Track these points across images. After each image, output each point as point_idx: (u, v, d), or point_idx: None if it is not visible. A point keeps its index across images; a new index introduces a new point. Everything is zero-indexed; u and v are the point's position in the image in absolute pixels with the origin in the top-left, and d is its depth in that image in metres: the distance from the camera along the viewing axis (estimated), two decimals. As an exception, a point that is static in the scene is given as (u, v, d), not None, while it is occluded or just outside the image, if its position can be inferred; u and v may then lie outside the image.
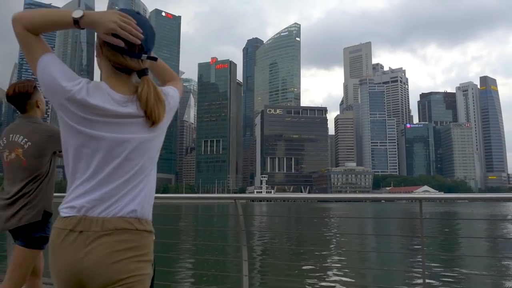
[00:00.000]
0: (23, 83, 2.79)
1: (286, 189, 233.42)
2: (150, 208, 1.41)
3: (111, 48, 1.39)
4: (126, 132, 1.37)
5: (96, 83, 1.43)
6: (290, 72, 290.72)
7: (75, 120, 1.37)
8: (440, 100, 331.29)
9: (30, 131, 2.66)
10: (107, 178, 1.34)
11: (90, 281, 1.27)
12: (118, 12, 1.32)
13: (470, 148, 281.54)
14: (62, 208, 1.38)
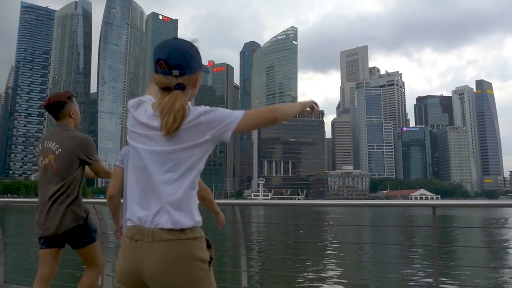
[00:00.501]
0: (58, 93, 3.04)
1: (283, 193, 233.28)
2: (191, 216, 1.51)
3: (152, 69, 1.61)
4: (152, 145, 1.53)
5: (147, 98, 1.67)
6: (287, 76, 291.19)
7: (128, 134, 1.65)
8: (436, 103, 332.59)
9: (61, 139, 2.88)
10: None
11: (153, 283, 1.47)
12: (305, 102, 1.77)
13: (466, 152, 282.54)
14: (126, 217, 1.60)
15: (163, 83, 1.57)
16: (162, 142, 1.52)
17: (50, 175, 2.84)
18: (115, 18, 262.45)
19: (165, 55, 1.54)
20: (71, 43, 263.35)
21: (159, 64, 1.55)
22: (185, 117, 1.52)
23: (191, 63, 1.59)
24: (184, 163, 1.52)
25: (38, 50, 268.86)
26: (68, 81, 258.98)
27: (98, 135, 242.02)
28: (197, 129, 1.54)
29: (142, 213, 1.52)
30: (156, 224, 1.48)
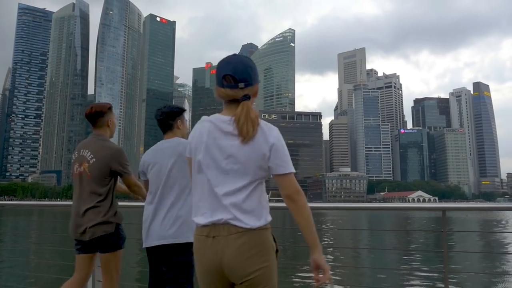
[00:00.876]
0: (99, 104, 3.23)
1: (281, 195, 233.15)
2: (262, 217, 1.78)
3: (216, 84, 1.83)
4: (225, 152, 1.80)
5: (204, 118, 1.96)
6: (284, 78, 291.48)
7: (197, 144, 1.90)
8: (434, 105, 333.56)
9: (96, 148, 3.01)
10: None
11: (231, 274, 1.69)
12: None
13: (464, 153, 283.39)
14: (196, 218, 1.79)
15: (231, 95, 1.77)
16: (236, 149, 1.74)
17: (85, 183, 2.99)
18: (113, 20, 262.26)
19: (231, 71, 1.76)
20: (69, 44, 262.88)
21: (226, 79, 1.76)
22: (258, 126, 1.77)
23: (253, 76, 1.81)
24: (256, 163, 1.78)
25: (36, 52, 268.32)
26: (65, 82, 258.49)
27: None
28: (262, 139, 1.78)
29: (214, 212, 1.73)
30: (229, 222, 1.72)
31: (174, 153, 2.81)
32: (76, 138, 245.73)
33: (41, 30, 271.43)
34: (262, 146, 1.75)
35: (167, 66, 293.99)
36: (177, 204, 2.74)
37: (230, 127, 1.75)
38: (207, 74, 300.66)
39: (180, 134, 2.98)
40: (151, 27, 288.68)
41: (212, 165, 1.77)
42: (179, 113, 3.00)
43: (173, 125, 2.95)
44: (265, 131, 1.78)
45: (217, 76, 1.80)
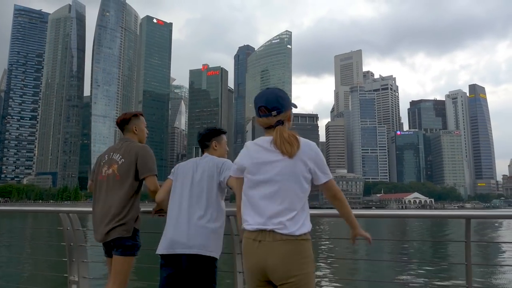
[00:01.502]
0: (126, 112, 3.45)
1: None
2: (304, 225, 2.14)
3: (255, 115, 2.31)
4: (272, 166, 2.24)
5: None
6: (281, 79, 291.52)
7: (247, 160, 2.31)
8: (430, 107, 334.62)
9: (125, 150, 3.16)
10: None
11: (274, 275, 2.03)
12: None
13: (460, 155, 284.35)
14: (245, 224, 2.18)
15: (266, 123, 2.22)
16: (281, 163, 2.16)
17: (112, 184, 3.08)
18: (109, 21, 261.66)
19: (264, 102, 2.21)
20: (65, 46, 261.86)
21: (261, 110, 2.22)
22: (297, 143, 2.18)
23: (283, 104, 2.23)
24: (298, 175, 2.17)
25: (31, 53, 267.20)
26: (61, 84, 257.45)
27: (91, 139, 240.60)
28: (303, 154, 2.18)
29: (262, 220, 2.10)
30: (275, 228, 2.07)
31: (206, 167, 2.91)
32: (72, 139, 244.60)
33: (37, 32, 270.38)
34: (305, 160, 2.14)
35: (164, 67, 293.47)
36: (205, 216, 2.76)
37: (273, 147, 2.16)
38: (203, 75, 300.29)
39: (217, 155, 3.07)
40: (148, 28, 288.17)
41: (263, 180, 2.14)
42: (214, 134, 3.12)
43: (209, 146, 3.08)
44: (305, 146, 2.18)
45: (255, 108, 2.27)
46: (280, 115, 2.21)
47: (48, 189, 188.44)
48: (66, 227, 3.81)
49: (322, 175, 2.18)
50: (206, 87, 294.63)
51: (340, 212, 2.34)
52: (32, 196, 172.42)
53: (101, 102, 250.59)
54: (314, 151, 2.19)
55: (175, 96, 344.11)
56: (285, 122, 2.24)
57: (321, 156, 2.20)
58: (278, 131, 2.16)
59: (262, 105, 2.20)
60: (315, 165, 2.16)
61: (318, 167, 2.17)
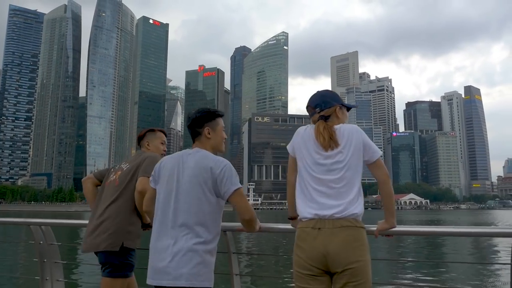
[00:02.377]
0: (143, 130, 3.29)
1: (273, 197, 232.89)
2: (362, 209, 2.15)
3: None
4: (321, 158, 2.25)
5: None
6: (277, 80, 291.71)
7: (300, 150, 2.35)
8: (426, 109, 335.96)
9: (134, 158, 3.01)
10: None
11: (334, 262, 2.02)
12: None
13: (455, 156, 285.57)
14: (301, 213, 2.18)
15: (314, 120, 2.33)
16: (326, 155, 2.19)
17: (111, 190, 2.85)
18: (105, 22, 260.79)
19: (309, 102, 2.38)
20: (60, 46, 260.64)
21: (308, 109, 2.38)
22: (334, 135, 2.20)
23: (325, 101, 2.34)
24: (347, 168, 2.17)
25: (27, 54, 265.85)
26: (56, 85, 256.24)
27: (86, 140, 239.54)
28: (347, 146, 2.21)
29: (320, 209, 2.11)
30: (333, 216, 2.09)
31: (197, 171, 2.25)
32: (67, 140, 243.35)
33: (32, 32, 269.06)
34: (354, 143, 2.18)
35: (160, 68, 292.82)
36: (194, 236, 2.15)
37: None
38: (200, 76, 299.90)
39: (210, 145, 2.40)
40: (144, 29, 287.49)
41: (316, 165, 2.19)
42: (208, 118, 2.42)
43: (200, 134, 2.40)
44: (350, 131, 2.20)
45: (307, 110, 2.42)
46: (323, 111, 2.30)
47: (43, 190, 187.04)
48: (39, 241, 3.34)
49: (373, 153, 2.20)
50: (202, 88, 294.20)
51: (384, 199, 2.25)
52: (27, 197, 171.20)
53: (96, 103, 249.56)
54: (360, 133, 2.21)
55: (171, 97, 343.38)
56: (332, 117, 2.30)
57: (365, 136, 2.21)
58: (317, 125, 2.25)
59: (308, 105, 2.37)
60: (366, 147, 2.20)
61: (369, 148, 2.20)
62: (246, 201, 2.33)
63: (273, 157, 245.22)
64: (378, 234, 2.30)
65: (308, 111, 2.37)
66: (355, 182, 2.15)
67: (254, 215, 2.37)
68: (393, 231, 2.28)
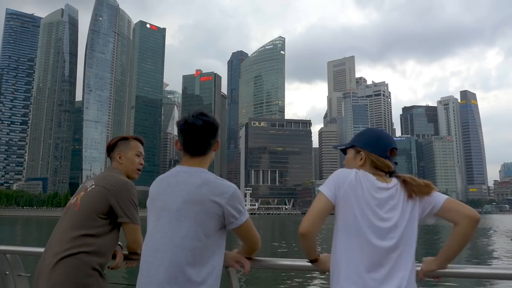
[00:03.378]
0: (113, 138, 2.56)
1: (270, 202, 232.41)
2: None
3: (375, 152, 1.88)
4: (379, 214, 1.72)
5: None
6: (274, 85, 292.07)
7: (350, 196, 1.75)
8: (422, 113, 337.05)
9: (101, 177, 2.33)
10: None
11: None
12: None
13: (452, 161, 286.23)
14: (350, 281, 1.64)
15: (389, 166, 1.83)
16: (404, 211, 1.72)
17: (70, 214, 2.18)
18: (102, 26, 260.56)
19: (394, 144, 1.90)
20: (57, 50, 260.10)
21: (393, 152, 1.89)
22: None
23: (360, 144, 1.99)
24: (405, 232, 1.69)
25: (23, 58, 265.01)
26: (53, 89, 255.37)
27: (83, 144, 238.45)
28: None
29: (370, 279, 1.61)
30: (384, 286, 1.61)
31: (195, 196, 1.78)
32: (63, 145, 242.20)
33: (29, 36, 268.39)
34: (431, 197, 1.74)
35: (157, 73, 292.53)
36: (187, 274, 1.70)
37: (391, 191, 1.75)
38: (196, 81, 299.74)
39: (209, 162, 1.98)
40: (141, 33, 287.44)
41: (372, 222, 1.68)
42: (218, 129, 1.99)
43: (210, 147, 1.96)
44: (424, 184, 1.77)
45: (384, 150, 1.86)
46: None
47: (38, 195, 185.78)
48: (4, 272, 2.74)
49: (440, 197, 1.76)
50: (199, 93, 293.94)
51: (459, 239, 1.69)
52: (22, 202, 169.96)
53: (93, 107, 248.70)
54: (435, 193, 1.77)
55: (168, 101, 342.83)
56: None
57: (420, 181, 1.79)
58: (411, 178, 1.81)
59: (394, 147, 1.90)
60: (425, 205, 1.76)
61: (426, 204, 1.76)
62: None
63: (270, 162, 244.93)
64: (423, 277, 1.79)
65: (391, 154, 1.88)
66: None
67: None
68: (443, 272, 1.79)
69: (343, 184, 1.74)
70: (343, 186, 1.74)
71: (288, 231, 50.53)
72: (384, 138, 1.90)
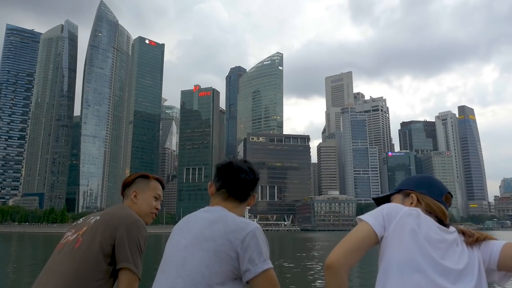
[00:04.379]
0: (131, 174, 2.27)
1: (269, 218, 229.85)
2: None
3: (432, 196, 1.65)
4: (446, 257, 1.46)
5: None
6: (273, 100, 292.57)
7: (414, 236, 1.42)
8: (420, 128, 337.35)
9: (109, 211, 2.03)
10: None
11: None
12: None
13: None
14: None
15: (444, 213, 1.58)
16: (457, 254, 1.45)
17: (68, 251, 1.85)
18: (101, 42, 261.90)
19: (447, 190, 1.68)
20: (56, 65, 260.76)
21: (448, 199, 1.66)
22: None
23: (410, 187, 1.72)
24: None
25: (22, 73, 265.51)
26: (51, 103, 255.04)
27: (80, 159, 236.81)
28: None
29: None
30: None
31: (207, 232, 1.56)
32: (61, 160, 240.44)
33: (28, 51, 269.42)
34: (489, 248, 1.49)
35: (155, 88, 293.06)
36: None
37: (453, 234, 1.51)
38: (195, 96, 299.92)
39: (240, 213, 1.69)
40: (140, 49, 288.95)
41: (437, 260, 1.38)
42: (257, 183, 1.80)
43: (249, 197, 1.75)
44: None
45: (438, 191, 1.66)
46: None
47: (34, 211, 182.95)
48: None
49: (498, 243, 1.51)
50: (197, 108, 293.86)
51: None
52: (17, 218, 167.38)
53: (91, 122, 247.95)
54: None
55: (166, 116, 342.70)
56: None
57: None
58: (462, 229, 1.59)
59: (448, 192, 1.71)
60: (484, 254, 1.49)
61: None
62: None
63: (269, 177, 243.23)
64: None
65: (446, 200, 1.65)
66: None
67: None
68: None
69: (395, 216, 1.45)
70: (395, 218, 1.45)
71: (288, 249, 49.19)
72: (438, 183, 1.70)
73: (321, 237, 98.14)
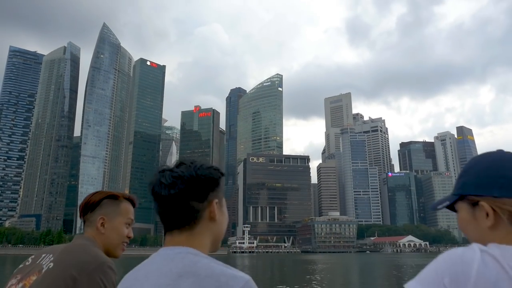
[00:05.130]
0: (94, 192, 1.81)
1: (269, 240, 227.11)
2: None
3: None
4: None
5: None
6: (272, 121, 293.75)
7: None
8: (420, 149, 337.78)
9: (66, 250, 1.60)
10: None
11: None
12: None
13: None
14: None
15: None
16: None
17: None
18: (103, 63, 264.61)
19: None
20: (57, 86, 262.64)
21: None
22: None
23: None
24: None
25: (23, 93, 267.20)
26: (51, 124, 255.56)
27: (79, 180, 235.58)
28: None
29: None
30: None
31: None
32: (59, 180, 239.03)
33: (30, 72, 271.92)
34: None
35: (156, 109, 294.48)
36: None
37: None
38: (195, 117, 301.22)
39: (204, 237, 1.21)
40: (141, 70, 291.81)
41: None
42: (216, 183, 1.24)
43: (197, 214, 1.19)
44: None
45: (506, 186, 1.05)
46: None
47: (30, 232, 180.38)
48: None
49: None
50: (197, 128, 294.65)
51: None
52: (13, 240, 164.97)
53: (91, 142, 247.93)
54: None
55: (166, 137, 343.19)
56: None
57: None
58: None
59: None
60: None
61: None
62: None
63: (269, 198, 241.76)
64: None
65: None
66: None
67: None
68: None
69: (465, 283, 0.89)
70: (465, 286, 0.90)
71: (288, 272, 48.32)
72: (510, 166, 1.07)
73: (322, 259, 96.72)
